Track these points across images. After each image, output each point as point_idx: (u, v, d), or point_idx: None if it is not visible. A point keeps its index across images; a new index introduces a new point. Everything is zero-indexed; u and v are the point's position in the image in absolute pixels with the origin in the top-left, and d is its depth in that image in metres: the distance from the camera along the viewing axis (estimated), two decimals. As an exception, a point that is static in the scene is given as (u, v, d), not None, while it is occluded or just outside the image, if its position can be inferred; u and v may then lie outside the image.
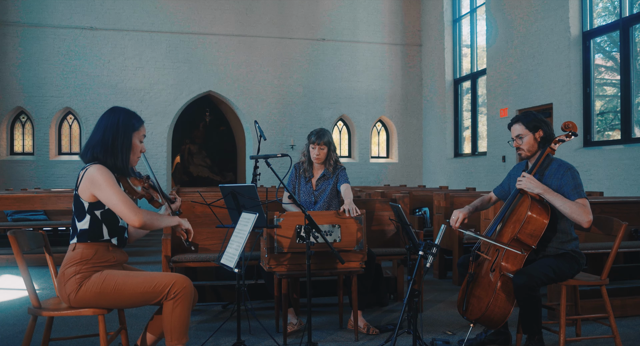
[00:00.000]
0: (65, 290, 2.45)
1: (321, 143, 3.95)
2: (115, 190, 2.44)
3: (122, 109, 2.63)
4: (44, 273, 5.88)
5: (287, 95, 13.43)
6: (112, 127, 2.55)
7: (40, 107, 12.25)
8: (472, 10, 12.59)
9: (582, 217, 2.93)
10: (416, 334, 3.03)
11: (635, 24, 7.96)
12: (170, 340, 2.47)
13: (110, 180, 2.45)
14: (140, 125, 2.64)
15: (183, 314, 2.46)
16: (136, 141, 2.62)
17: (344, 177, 4.00)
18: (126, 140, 2.56)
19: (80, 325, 3.83)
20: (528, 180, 3.05)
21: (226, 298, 4.44)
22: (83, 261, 2.46)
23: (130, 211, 2.43)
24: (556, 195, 2.99)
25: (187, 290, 2.47)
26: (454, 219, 3.26)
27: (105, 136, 2.53)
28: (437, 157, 13.61)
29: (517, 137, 3.21)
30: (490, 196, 3.54)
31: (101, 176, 2.44)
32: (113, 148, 2.53)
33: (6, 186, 11.87)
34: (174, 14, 12.82)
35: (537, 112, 9.63)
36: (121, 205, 2.43)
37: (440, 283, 5.51)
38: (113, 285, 2.44)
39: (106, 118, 2.58)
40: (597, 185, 8.00)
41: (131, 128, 2.59)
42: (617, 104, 8.38)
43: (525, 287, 2.86)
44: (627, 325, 3.84)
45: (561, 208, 2.98)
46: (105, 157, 2.53)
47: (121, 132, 2.55)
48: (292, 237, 3.37)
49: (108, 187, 2.43)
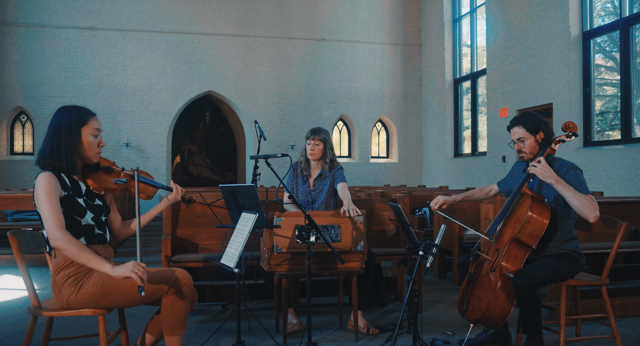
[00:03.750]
0: (61, 296, 2.43)
1: (316, 138, 3.96)
2: (47, 204, 2.36)
3: (68, 107, 2.54)
4: (44, 273, 5.88)
5: (287, 95, 13.43)
6: (56, 128, 2.47)
7: (40, 107, 12.25)
8: (472, 10, 12.59)
9: (591, 211, 2.91)
10: (416, 334, 3.02)
11: (635, 24, 7.96)
12: (169, 331, 2.48)
13: (47, 192, 2.37)
14: (89, 117, 2.53)
15: (183, 308, 2.47)
16: (87, 136, 2.51)
17: (340, 175, 4.00)
18: (70, 139, 2.47)
19: (80, 325, 3.83)
20: (544, 168, 3.00)
21: (226, 298, 4.44)
22: (68, 265, 2.43)
23: (54, 226, 2.33)
24: (568, 186, 2.96)
25: (187, 285, 2.48)
26: (435, 201, 3.32)
27: (51, 139, 2.47)
28: (437, 157, 13.61)
29: (519, 140, 3.20)
30: (491, 187, 3.53)
31: (40, 186, 2.38)
32: (59, 149, 2.45)
33: (6, 186, 11.87)
34: (174, 14, 12.83)
35: (537, 112, 9.66)
36: (48, 220, 2.35)
37: (440, 283, 5.51)
38: (113, 285, 2.42)
39: (52, 120, 2.51)
40: (597, 185, 8.00)
41: (77, 124, 2.49)
42: (617, 104, 8.38)
43: (525, 287, 2.86)
44: (627, 325, 3.84)
45: (571, 199, 2.95)
46: (52, 160, 2.46)
47: (65, 131, 2.46)
48: (292, 237, 3.37)
49: (43, 197, 2.37)
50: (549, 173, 3.00)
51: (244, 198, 3.24)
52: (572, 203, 2.96)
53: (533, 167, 3.04)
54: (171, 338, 2.49)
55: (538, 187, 3.19)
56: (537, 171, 3.02)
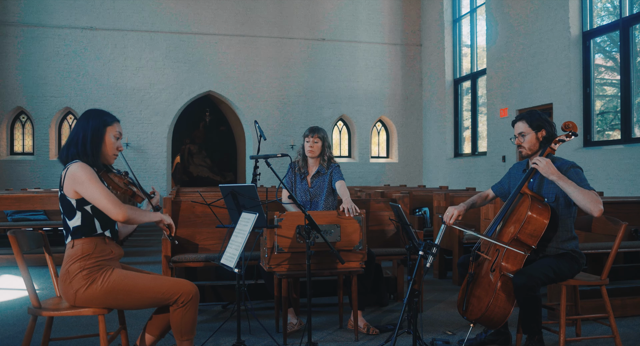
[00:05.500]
0: (71, 287, 2.45)
1: (315, 136, 4.00)
2: (97, 186, 2.45)
3: (95, 110, 2.66)
4: (44, 273, 5.88)
5: (287, 95, 13.43)
6: (84, 127, 2.58)
7: (40, 107, 12.25)
8: (472, 10, 12.59)
9: (594, 205, 2.89)
10: (416, 334, 3.03)
11: (635, 24, 7.96)
12: (181, 338, 2.55)
13: (92, 176, 2.46)
14: (113, 120, 2.65)
15: (192, 317, 2.56)
16: (110, 137, 2.61)
17: (338, 173, 4.01)
18: (96, 138, 2.57)
19: (80, 325, 3.83)
20: (547, 164, 3.00)
21: (226, 298, 4.44)
22: (85, 257, 2.46)
23: (113, 206, 2.44)
24: (570, 182, 2.95)
25: (195, 297, 2.55)
26: (448, 215, 3.23)
27: (78, 136, 2.56)
28: (437, 157, 13.61)
29: (520, 135, 3.20)
30: (487, 193, 3.52)
31: (82, 172, 2.45)
32: (84, 145, 2.54)
33: (6, 186, 11.87)
34: (174, 14, 12.82)
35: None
36: (104, 200, 2.44)
37: (440, 283, 5.51)
38: (124, 286, 2.46)
39: (80, 120, 2.62)
40: (597, 185, 8.00)
41: (103, 125, 2.59)
42: (617, 104, 8.38)
43: (525, 287, 2.86)
44: (627, 325, 3.84)
45: (573, 194, 2.93)
46: (79, 156, 2.55)
47: (92, 129, 2.57)
48: (292, 237, 3.37)
49: (90, 183, 2.44)
50: (552, 169, 2.99)
51: (244, 198, 3.24)
52: (575, 199, 2.94)
53: (537, 163, 3.03)
54: (183, 343, 2.57)
55: (538, 186, 3.19)
56: (540, 167, 3.01)
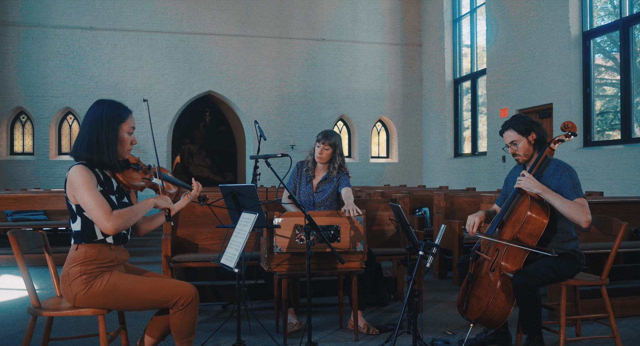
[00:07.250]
0: (70, 289, 2.43)
1: (326, 143, 3.91)
2: (90, 194, 2.34)
3: (107, 101, 2.51)
4: (44, 273, 5.88)
5: (287, 95, 13.44)
6: (96, 121, 2.45)
7: (40, 107, 12.25)
8: (472, 10, 12.59)
9: (581, 217, 2.93)
10: (416, 334, 3.02)
11: (635, 24, 7.96)
12: (180, 339, 2.53)
13: (87, 183, 2.36)
14: (127, 115, 2.52)
15: (192, 319, 2.53)
16: (124, 133, 2.50)
17: (345, 181, 3.96)
18: (111, 134, 2.45)
19: (80, 325, 3.83)
20: (527, 179, 3.05)
21: (226, 298, 4.44)
22: (87, 261, 2.43)
23: (102, 217, 2.33)
24: (555, 194, 3.00)
25: (195, 300, 2.52)
26: (470, 224, 3.16)
27: (89, 132, 2.44)
28: (437, 157, 13.61)
29: (512, 144, 3.20)
30: (494, 208, 3.47)
31: (78, 178, 2.36)
32: (98, 143, 2.43)
33: (6, 186, 11.87)
34: (174, 14, 12.83)
35: (537, 112, 9.69)
36: (94, 211, 2.34)
37: (440, 283, 5.51)
38: (123, 289, 2.44)
39: (90, 113, 2.48)
40: (597, 185, 8.00)
41: (117, 120, 2.47)
42: (617, 104, 8.38)
43: (525, 287, 2.86)
44: (627, 325, 3.84)
45: (560, 207, 2.98)
46: (90, 154, 2.44)
47: (105, 125, 2.44)
48: (292, 237, 3.37)
49: (83, 189, 2.35)
50: (534, 183, 3.03)
51: (244, 198, 3.24)
52: (562, 211, 2.98)
53: (519, 181, 3.08)
54: (182, 345, 2.55)
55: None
56: (522, 184, 3.07)
